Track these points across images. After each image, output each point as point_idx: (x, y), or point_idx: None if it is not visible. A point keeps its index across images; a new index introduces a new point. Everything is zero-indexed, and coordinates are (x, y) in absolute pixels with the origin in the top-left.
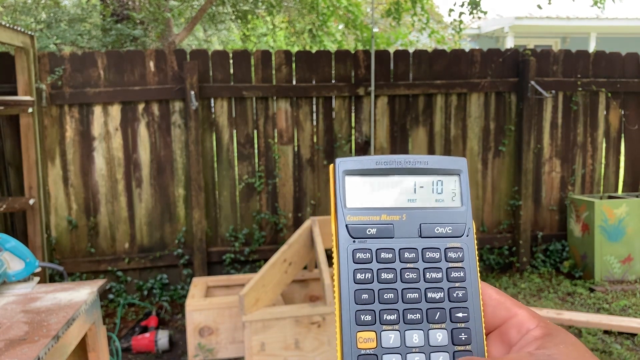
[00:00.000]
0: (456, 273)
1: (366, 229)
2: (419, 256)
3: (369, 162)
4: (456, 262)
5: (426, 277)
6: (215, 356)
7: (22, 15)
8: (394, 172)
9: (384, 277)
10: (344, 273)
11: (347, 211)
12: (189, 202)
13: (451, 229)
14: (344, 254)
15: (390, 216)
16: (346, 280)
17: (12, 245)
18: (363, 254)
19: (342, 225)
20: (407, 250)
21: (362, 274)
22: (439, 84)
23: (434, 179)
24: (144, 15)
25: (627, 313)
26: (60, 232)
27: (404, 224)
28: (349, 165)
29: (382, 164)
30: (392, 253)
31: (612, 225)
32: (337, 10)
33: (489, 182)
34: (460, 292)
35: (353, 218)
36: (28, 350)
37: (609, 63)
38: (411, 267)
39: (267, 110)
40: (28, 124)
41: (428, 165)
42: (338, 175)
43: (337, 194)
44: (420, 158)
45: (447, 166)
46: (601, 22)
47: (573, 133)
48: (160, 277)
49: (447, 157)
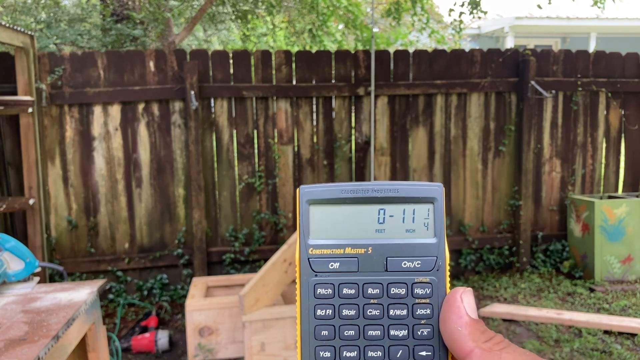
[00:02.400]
0: (422, 310)
1: (329, 263)
2: (383, 292)
3: (335, 190)
4: (423, 299)
5: (390, 313)
6: (215, 356)
7: (22, 15)
8: (362, 201)
9: (345, 313)
10: (305, 308)
11: (310, 244)
12: (189, 202)
13: (420, 263)
14: (305, 288)
15: (354, 249)
16: (307, 315)
17: (12, 245)
18: (324, 289)
19: (304, 258)
20: (371, 286)
21: (322, 310)
22: (439, 84)
23: (405, 208)
24: (144, 15)
25: (627, 313)
26: (60, 232)
27: (369, 257)
28: (313, 195)
29: (349, 193)
30: (355, 288)
31: (612, 225)
32: (337, 10)
33: (489, 182)
34: (425, 330)
35: (315, 251)
36: (28, 350)
37: (609, 63)
38: (375, 302)
39: (267, 110)
40: (28, 124)
41: (398, 194)
42: (302, 205)
43: (301, 224)
44: (391, 185)
45: (420, 194)
46: (601, 22)
47: (573, 133)
48: (160, 277)
49: (421, 184)
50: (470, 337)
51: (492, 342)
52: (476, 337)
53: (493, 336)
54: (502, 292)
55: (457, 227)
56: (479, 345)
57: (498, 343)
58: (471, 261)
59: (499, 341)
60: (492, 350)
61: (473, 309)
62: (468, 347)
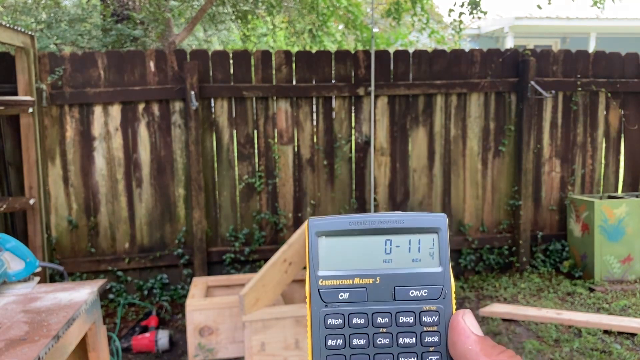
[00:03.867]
0: (430, 338)
1: (338, 294)
2: (392, 320)
3: (343, 222)
4: (431, 327)
5: (399, 342)
6: (215, 356)
7: (23, 16)
8: (369, 232)
9: (355, 343)
10: (316, 338)
11: (320, 275)
12: (189, 202)
13: (427, 292)
14: (316, 319)
15: (363, 280)
16: (318, 346)
17: (13, 245)
18: (335, 320)
19: (314, 289)
20: (380, 315)
21: (333, 340)
22: (439, 84)
23: (411, 238)
24: (144, 16)
25: (627, 313)
26: (61, 232)
27: (378, 287)
28: (321, 227)
29: (356, 224)
30: (365, 318)
31: (612, 225)
32: (337, 11)
33: (489, 182)
34: (434, 357)
35: (325, 282)
36: (28, 350)
37: (608, 63)
38: (384, 332)
39: (267, 110)
40: (28, 124)
41: (404, 224)
42: (311, 237)
43: (310, 256)
44: (396, 216)
45: (425, 224)
46: (601, 22)
47: (573, 133)
48: (161, 277)
49: (425, 214)
50: (482, 354)
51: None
52: (488, 352)
53: (504, 350)
54: (501, 292)
55: (457, 227)
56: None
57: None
58: (471, 261)
59: (511, 355)
60: None
61: (477, 327)
62: None
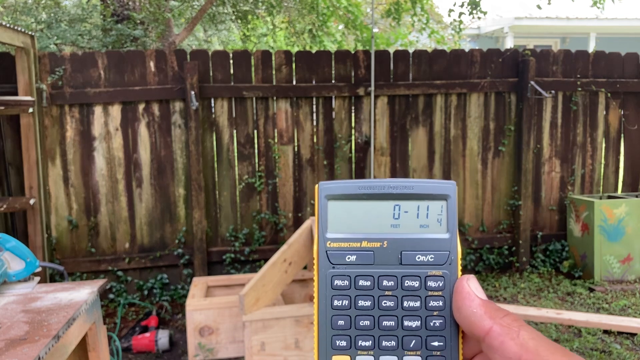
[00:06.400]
0: (435, 302)
1: (346, 256)
2: (397, 284)
3: (352, 186)
4: (436, 291)
5: (404, 305)
6: (215, 356)
7: (23, 16)
8: (378, 197)
9: (361, 304)
10: (322, 298)
11: (328, 237)
12: (189, 202)
13: (433, 257)
14: (323, 280)
15: (370, 243)
16: (324, 306)
17: (13, 245)
18: (341, 281)
19: (322, 250)
20: (386, 278)
21: (339, 301)
22: (438, 84)
23: (419, 204)
24: (144, 16)
25: (626, 313)
26: (61, 232)
27: (385, 251)
28: (331, 190)
29: (366, 189)
30: (371, 280)
31: (612, 225)
32: (337, 11)
33: (489, 182)
34: (437, 321)
35: (333, 244)
36: (28, 350)
37: (608, 63)
38: (389, 294)
39: (267, 110)
40: (28, 124)
41: (413, 190)
42: (320, 200)
43: (319, 218)
44: (406, 182)
45: (434, 191)
46: (601, 22)
47: (573, 133)
48: (161, 277)
49: (435, 181)
50: (486, 316)
51: (509, 319)
52: (492, 314)
53: (508, 313)
54: (501, 292)
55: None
56: (496, 322)
57: (515, 320)
58: (471, 261)
59: (515, 318)
60: (511, 326)
61: (481, 291)
62: (487, 325)
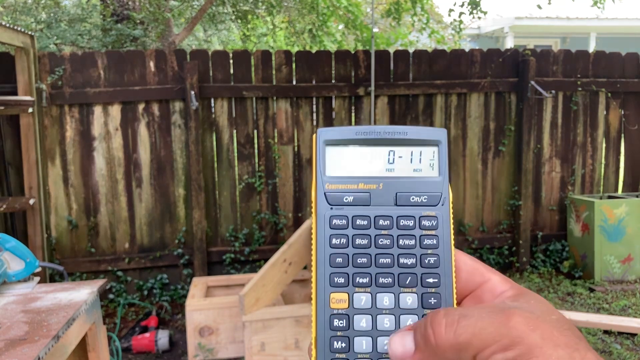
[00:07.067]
0: (429, 240)
1: (343, 197)
2: (393, 223)
3: (349, 132)
4: (430, 230)
5: (399, 243)
6: (215, 356)
7: (22, 16)
8: (374, 142)
9: (358, 242)
10: (321, 238)
11: (326, 179)
12: (189, 202)
13: (426, 198)
14: (322, 220)
15: (367, 185)
16: (322, 245)
17: (12, 245)
18: (339, 220)
19: (320, 192)
20: (382, 218)
21: (337, 239)
22: (439, 84)
23: (413, 150)
24: (144, 16)
25: (627, 313)
26: (61, 232)
27: (381, 192)
28: (329, 135)
29: (362, 134)
30: (368, 220)
31: (612, 225)
32: (337, 10)
33: (489, 182)
34: (432, 259)
35: (331, 186)
36: (28, 350)
37: (608, 63)
38: (385, 233)
39: (267, 110)
40: (28, 124)
41: (407, 136)
42: (319, 145)
43: (317, 162)
44: (400, 129)
45: (426, 137)
46: (601, 22)
47: (573, 133)
48: (161, 277)
49: (427, 128)
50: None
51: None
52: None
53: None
54: None
55: (456, 226)
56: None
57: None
58: None
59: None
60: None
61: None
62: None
